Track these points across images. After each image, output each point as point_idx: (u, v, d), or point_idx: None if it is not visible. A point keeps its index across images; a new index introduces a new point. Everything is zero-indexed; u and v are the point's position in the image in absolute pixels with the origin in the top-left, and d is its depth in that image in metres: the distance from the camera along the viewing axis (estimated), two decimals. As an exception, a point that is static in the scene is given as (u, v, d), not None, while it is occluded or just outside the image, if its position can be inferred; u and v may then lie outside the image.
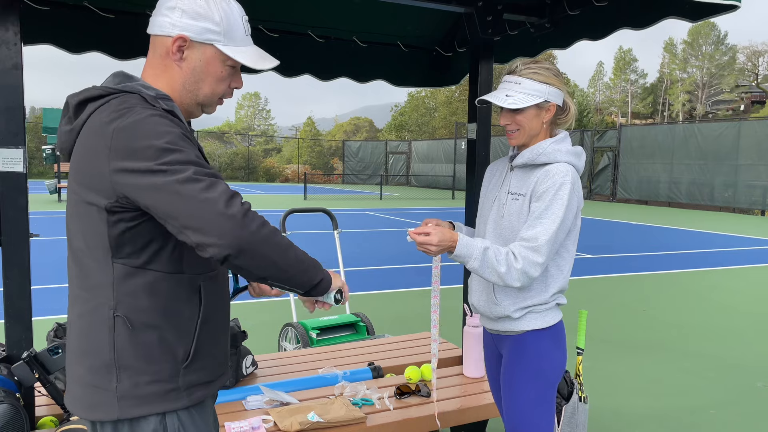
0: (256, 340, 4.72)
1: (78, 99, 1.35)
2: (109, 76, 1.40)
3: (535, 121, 1.98)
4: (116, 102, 1.31)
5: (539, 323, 2.01)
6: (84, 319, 1.35)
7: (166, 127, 1.27)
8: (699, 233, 14.22)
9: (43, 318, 5.46)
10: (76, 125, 1.34)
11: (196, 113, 1.47)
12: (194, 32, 1.36)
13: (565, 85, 2.03)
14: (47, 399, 2.62)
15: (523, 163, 2.01)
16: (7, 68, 2.24)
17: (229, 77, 1.45)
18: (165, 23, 1.37)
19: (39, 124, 29.37)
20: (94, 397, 1.33)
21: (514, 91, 1.95)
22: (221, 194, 1.23)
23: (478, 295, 2.12)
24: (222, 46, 1.39)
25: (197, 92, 1.42)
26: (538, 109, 1.97)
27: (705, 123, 23.11)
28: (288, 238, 1.37)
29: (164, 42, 1.38)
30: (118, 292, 1.31)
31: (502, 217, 2.03)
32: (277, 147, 53.14)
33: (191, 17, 1.36)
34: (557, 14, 2.98)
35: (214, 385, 1.46)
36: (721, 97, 51.74)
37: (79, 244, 1.34)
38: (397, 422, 2.57)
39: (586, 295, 7.38)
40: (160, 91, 1.37)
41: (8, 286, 2.31)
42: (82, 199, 1.31)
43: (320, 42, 3.52)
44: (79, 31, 3.00)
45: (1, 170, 2.26)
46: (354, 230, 13.15)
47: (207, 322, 1.41)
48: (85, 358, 1.34)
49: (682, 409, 3.97)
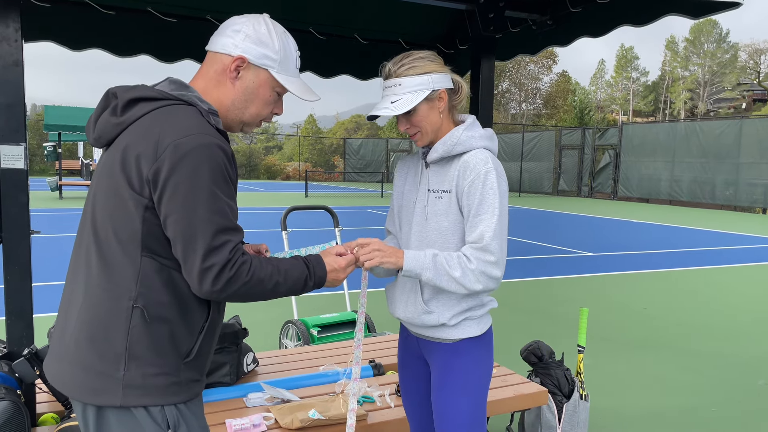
0: (257, 338, 4.72)
1: (131, 96, 1.41)
2: (164, 81, 1.49)
3: (432, 115, 1.85)
4: (175, 111, 1.38)
5: (475, 330, 1.90)
6: (99, 307, 1.38)
7: (215, 162, 1.34)
8: (700, 231, 14.21)
9: (43, 315, 5.47)
10: (125, 120, 1.40)
11: (235, 129, 1.56)
12: (253, 56, 1.48)
13: (446, 66, 1.89)
14: (48, 396, 2.62)
15: (438, 158, 1.87)
16: (7, 65, 2.23)
17: (274, 103, 1.57)
18: (228, 43, 1.48)
19: (40, 121, 29.39)
20: (98, 383, 1.37)
21: (398, 95, 1.81)
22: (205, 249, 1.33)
23: (404, 306, 1.95)
24: (276, 73, 1.51)
25: (244, 111, 1.53)
26: (429, 101, 1.83)
27: (706, 121, 23.07)
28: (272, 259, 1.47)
29: (223, 59, 1.49)
30: (142, 285, 1.37)
31: (426, 219, 1.90)
32: (278, 145, 53.12)
33: (254, 42, 1.48)
34: (559, 11, 2.98)
35: (203, 383, 1.54)
36: (722, 95, 51.67)
37: (107, 233, 1.38)
38: (398, 420, 2.57)
39: (587, 293, 7.38)
40: (211, 106, 1.48)
41: (9, 283, 2.31)
42: (118, 193, 1.36)
43: (321, 39, 3.51)
44: (80, 28, 3.00)
45: (2, 167, 2.26)
46: (355, 228, 13.14)
47: (212, 324, 1.49)
48: (94, 344, 1.37)
49: (683, 408, 3.97)
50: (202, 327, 1.46)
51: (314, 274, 1.53)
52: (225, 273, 1.34)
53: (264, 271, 1.42)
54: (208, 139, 1.34)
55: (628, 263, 9.50)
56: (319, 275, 1.54)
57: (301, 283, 1.50)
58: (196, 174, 1.31)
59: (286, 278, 1.46)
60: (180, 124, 1.35)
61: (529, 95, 50.61)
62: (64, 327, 1.43)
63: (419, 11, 3.42)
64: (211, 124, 1.40)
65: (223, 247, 1.34)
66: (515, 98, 50.94)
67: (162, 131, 1.34)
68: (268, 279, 1.42)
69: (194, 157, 1.31)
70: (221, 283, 1.34)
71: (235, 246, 1.37)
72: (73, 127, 18.01)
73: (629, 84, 57.89)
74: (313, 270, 1.53)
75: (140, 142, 1.34)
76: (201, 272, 1.33)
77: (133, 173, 1.33)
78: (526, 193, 28.63)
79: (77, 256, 1.45)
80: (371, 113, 1.86)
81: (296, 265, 1.50)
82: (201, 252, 1.32)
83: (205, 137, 1.34)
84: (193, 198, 1.31)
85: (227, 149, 1.39)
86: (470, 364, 1.90)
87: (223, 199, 1.36)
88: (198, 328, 1.45)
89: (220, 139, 1.38)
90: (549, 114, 48.83)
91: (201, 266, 1.33)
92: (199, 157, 1.32)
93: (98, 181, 1.41)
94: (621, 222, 16.12)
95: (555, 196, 28.13)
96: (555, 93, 49.66)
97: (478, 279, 1.76)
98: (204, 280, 1.33)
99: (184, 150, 1.31)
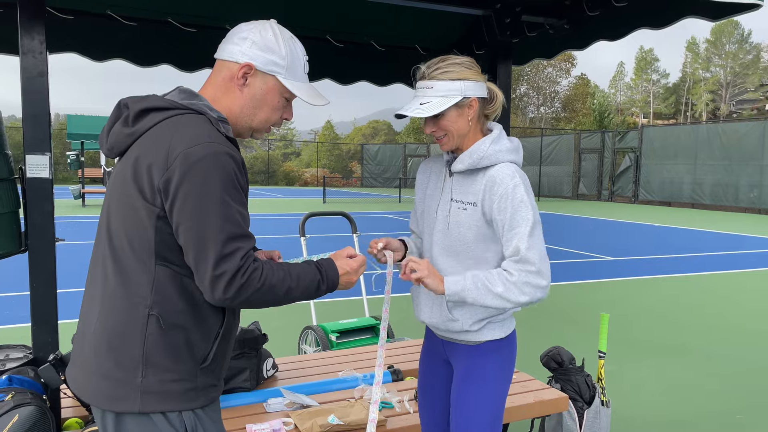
0: (277, 343, 4.74)
1: (142, 106, 1.43)
2: (174, 90, 1.50)
3: (460, 122, 1.83)
4: (185, 121, 1.39)
5: (498, 333, 1.93)
6: (116, 316, 1.40)
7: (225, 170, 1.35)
8: (724, 235, 13.99)
9: (68, 321, 5.55)
10: (137, 130, 1.42)
11: (245, 135, 1.57)
12: (260, 62, 1.49)
13: (483, 74, 1.89)
14: (73, 401, 2.67)
15: (464, 169, 1.87)
16: (33, 76, 2.28)
17: (283, 108, 1.57)
18: (235, 51, 1.49)
19: (63, 130, 29.90)
20: (118, 390, 1.39)
21: (428, 97, 1.80)
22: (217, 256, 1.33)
23: (430, 311, 1.98)
24: (283, 79, 1.51)
25: (253, 117, 1.53)
26: (459, 108, 1.82)
27: (729, 123, 22.75)
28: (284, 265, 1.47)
29: (231, 67, 1.49)
30: (157, 293, 1.39)
31: (448, 228, 1.90)
32: (296, 151, 53.41)
33: (260, 49, 1.48)
34: (576, 15, 2.96)
35: (220, 388, 1.56)
36: (745, 96, 50.84)
37: (122, 243, 1.40)
38: (416, 425, 2.56)
39: (608, 297, 7.30)
40: (221, 114, 1.47)
41: (35, 290, 2.35)
42: (131, 203, 1.37)
43: (339, 46, 3.54)
44: (103, 40, 3.06)
45: (28, 176, 2.31)
46: (373, 233, 13.16)
47: (227, 330, 1.51)
48: (111, 352, 1.40)
49: (708, 414, 3.90)
50: (217, 333, 1.47)
51: (326, 277, 1.53)
52: (237, 280, 1.34)
53: (276, 277, 1.41)
54: (217, 148, 1.35)
55: (650, 268, 9.38)
56: (332, 278, 1.54)
57: (313, 287, 1.50)
58: (206, 182, 1.32)
59: (298, 283, 1.46)
60: (190, 133, 1.36)
61: (548, 99, 50.32)
62: (84, 335, 1.46)
63: (436, 17, 3.43)
64: (220, 132, 1.41)
65: (235, 254, 1.34)
66: (533, 102, 50.67)
67: (172, 141, 1.35)
68: (280, 284, 1.42)
69: (204, 165, 1.32)
70: (233, 290, 1.34)
71: (247, 253, 1.37)
72: (95, 135, 18.26)
73: (649, 86, 57.26)
74: (326, 274, 1.53)
75: (151, 151, 1.36)
76: (213, 280, 1.33)
77: (144, 183, 1.35)
78: (545, 198, 28.42)
79: (94, 265, 1.48)
80: (399, 112, 1.87)
81: (308, 270, 1.50)
82: (212, 259, 1.33)
83: (214, 146, 1.35)
84: (203, 206, 1.32)
85: (237, 157, 1.39)
86: (492, 363, 1.93)
87: (234, 207, 1.36)
88: (213, 334, 1.46)
89: (229, 146, 1.39)
90: (568, 117, 48.47)
91: (212, 273, 1.33)
92: (209, 166, 1.33)
93: (112, 191, 1.43)
94: (642, 226, 15.93)
95: (575, 200, 27.89)
96: (574, 96, 49.31)
97: (522, 290, 1.75)
98: (216, 288, 1.34)
99: (194, 159, 1.32)
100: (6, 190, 2.33)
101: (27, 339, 2.58)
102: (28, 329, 2.48)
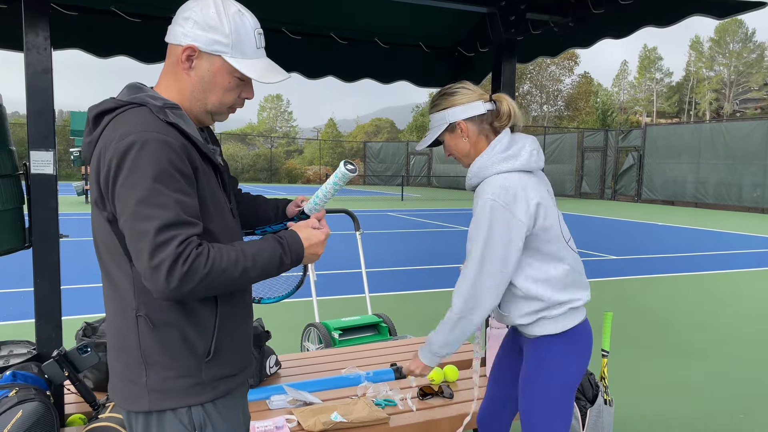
0: (279, 341, 4.74)
1: (95, 112, 1.41)
2: (123, 88, 1.46)
3: (458, 144, 2.02)
4: (124, 116, 1.36)
5: (552, 329, 2.00)
6: (116, 319, 1.43)
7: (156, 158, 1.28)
8: (727, 234, 13.96)
9: (72, 317, 5.57)
10: (94, 137, 1.39)
11: (206, 121, 1.50)
12: (203, 43, 1.40)
13: (476, 91, 2.01)
14: (76, 397, 2.67)
15: (470, 188, 2.05)
16: (37, 72, 2.28)
17: (238, 88, 1.47)
18: (178, 32, 1.42)
19: (67, 127, 29.95)
20: (129, 390, 1.42)
21: (428, 130, 2.08)
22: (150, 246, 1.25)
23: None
24: (229, 58, 1.41)
25: (205, 101, 1.45)
26: (452, 132, 2.01)
27: (733, 122, 22.68)
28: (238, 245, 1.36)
29: (176, 51, 1.43)
30: (139, 294, 1.38)
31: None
32: (298, 148, 53.44)
33: (202, 28, 1.39)
34: (581, 13, 2.95)
35: (238, 377, 1.52)
36: (749, 95, 50.72)
37: (101, 249, 1.42)
38: (419, 423, 2.57)
39: (611, 296, 7.29)
40: (168, 101, 1.41)
41: (39, 286, 2.36)
42: (97, 210, 1.38)
43: (343, 44, 3.53)
44: (107, 36, 3.05)
45: (33, 172, 2.31)
46: (375, 231, 13.16)
47: (225, 319, 1.47)
48: (120, 354, 1.43)
49: (710, 413, 3.90)
50: (214, 325, 1.43)
51: (290, 250, 1.42)
52: (177, 269, 1.24)
53: (226, 260, 1.30)
54: (147, 136, 1.29)
55: (653, 267, 9.36)
56: (296, 251, 1.43)
57: (275, 263, 1.39)
58: (134, 173, 1.27)
59: (255, 262, 1.35)
60: (122, 128, 1.31)
61: (551, 97, 50.22)
62: (107, 340, 1.50)
63: (440, 15, 3.42)
64: (160, 119, 1.35)
65: (170, 242, 1.25)
66: (536, 100, 50.58)
67: (107, 140, 1.32)
68: (232, 267, 1.31)
69: (132, 156, 1.27)
70: (176, 280, 1.24)
71: (186, 239, 1.27)
72: (98, 132, 18.27)
73: (653, 85, 57.14)
74: (288, 246, 1.42)
75: (97, 156, 1.35)
76: (150, 272, 1.24)
77: (95, 189, 1.35)
78: (547, 196, 28.33)
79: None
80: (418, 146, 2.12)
81: (266, 246, 1.38)
82: (147, 251, 1.24)
83: (144, 134, 1.29)
84: (133, 197, 1.26)
85: (174, 142, 1.32)
86: (549, 361, 2.02)
87: (168, 194, 1.28)
88: (210, 328, 1.43)
89: (166, 133, 1.32)
90: (571, 116, 48.39)
91: (149, 266, 1.24)
92: (137, 156, 1.27)
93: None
94: (645, 225, 15.90)
95: (577, 198, 27.85)
96: (577, 95, 49.21)
97: (458, 324, 1.94)
98: (156, 280, 1.25)
99: (122, 152, 1.28)
100: (10, 186, 2.33)
101: (31, 335, 2.59)
102: (31, 325, 2.48)
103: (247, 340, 1.57)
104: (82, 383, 2.37)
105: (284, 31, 3.36)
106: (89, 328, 2.94)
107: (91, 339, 2.82)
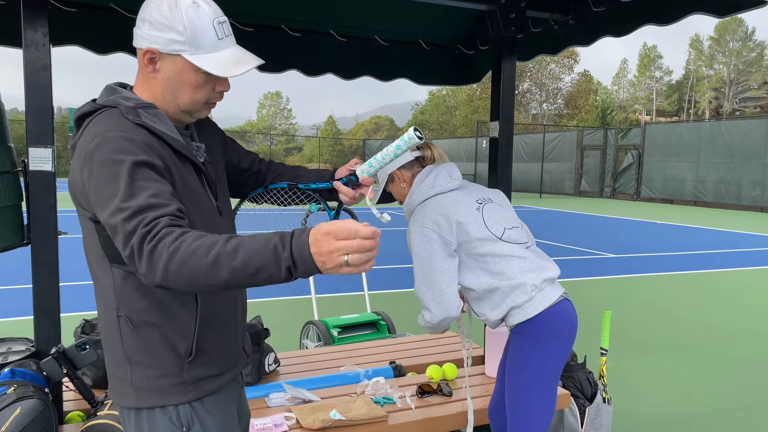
0: (278, 338, 4.74)
1: (77, 115, 1.41)
2: (102, 90, 1.44)
3: (398, 189, 2.37)
4: (97, 119, 1.36)
5: (521, 316, 2.16)
6: (102, 319, 1.45)
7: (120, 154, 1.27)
8: (726, 233, 13.97)
9: (70, 314, 5.57)
10: (75, 141, 1.39)
11: (185, 119, 1.47)
12: (161, 44, 1.35)
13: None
14: (75, 394, 2.67)
15: (407, 220, 2.34)
16: (36, 69, 2.27)
17: (209, 83, 1.41)
18: (138, 36, 1.38)
19: (65, 123, 29.92)
20: (119, 387, 1.45)
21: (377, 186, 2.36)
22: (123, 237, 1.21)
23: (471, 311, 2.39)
24: (189, 56, 1.36)
25: (177, 101, 1.42)
26: (392, 182, 2.36)
27: (732, 120, 22.69)
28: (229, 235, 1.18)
29: (139, 54, 1.40)
30: (119, 294, 1.38)
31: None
32: (298, 146, 53.44)
33: (157, 29, 1.35)
34: (581, 11, 2.95)
35: (223, 377, 1.50)
36: (748, 94, 50.71)
37: (86, 251, 1.44)
38: (418, 421, 2.57)
39: (610, 295, 7.30)
40: (141, 101, 1.39)
41: (37, 283, 2.35)
42: (79, 212, 1.39)
43: (342, 41, 3.52)
44: (105, 32, 3.05)
45: (32, 169, 2.30)
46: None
47: (207, 320, 1.44)
48: (110, 352, 1.46)
49: (708, 412, 3.90)
50: (194, 325, 1.41)
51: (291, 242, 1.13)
52: (144, 248, 1.16)
53: (201, 243, 1.14)
54: (111, 135, 1.29)
55: (652, 265, 9.37)
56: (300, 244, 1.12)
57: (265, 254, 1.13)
58: (100, 172, 1.27)
59: (235, 254, 1.12)
60: (92, 131, 1.32)
61: (550, 95, 50.22)
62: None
63: (439, 12, 3.41)
64: (129, 119, 1.34)
65: (137, 228, 1.19)
66: (536, 98, 50.58)
67: (81, 144, 1.32)
68: (203, 252, 1.13)
69: (97, 157, 1.27)
70: (145, 261, 1.16)
71: (154, 219, 1.19)
72: (97, 129, 18.26)
73: (652, 83, 57.14)
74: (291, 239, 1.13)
75: (74, 159, 1.36)
76: (129, 261, 1.20)
77: (75, 189, 1.35)
78: (547, 194, 28.38)
79: None
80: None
81: (257, 237, 1.16)
82: (121, 243, 1.22)
83: (108, 134, 1.29)
84: (102, 194, 1.25)
85: (135, 138, 1.30)
86: (523, 345, 2.18)
87: (139, 183, 1.24)
88: (191, 328, 1.41)
89: (131, 131, 1.31)
90: (570, 114, 48.39)
91: (126, 255, 1.21)
92: (100, 156, 1.27)
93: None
94: (644, 223, 15.91)
95: (577, 196, 27.86)
96: (576, 93, 49.21)
97: (424, 320, 2.27)
98: (136, 268, 1.19)
99: (88, 153, 1.29)
100: (9, 183, 2.32)
101: (29, 332, 2.58)
102: (30, 322, 2.48)
103: (233, 340, 1.54)
104: (81, 380, 2.37)
105: (284, 28, 3.35)
106: (88, 326, 2.93)
107: (90, 336, 2.82)
